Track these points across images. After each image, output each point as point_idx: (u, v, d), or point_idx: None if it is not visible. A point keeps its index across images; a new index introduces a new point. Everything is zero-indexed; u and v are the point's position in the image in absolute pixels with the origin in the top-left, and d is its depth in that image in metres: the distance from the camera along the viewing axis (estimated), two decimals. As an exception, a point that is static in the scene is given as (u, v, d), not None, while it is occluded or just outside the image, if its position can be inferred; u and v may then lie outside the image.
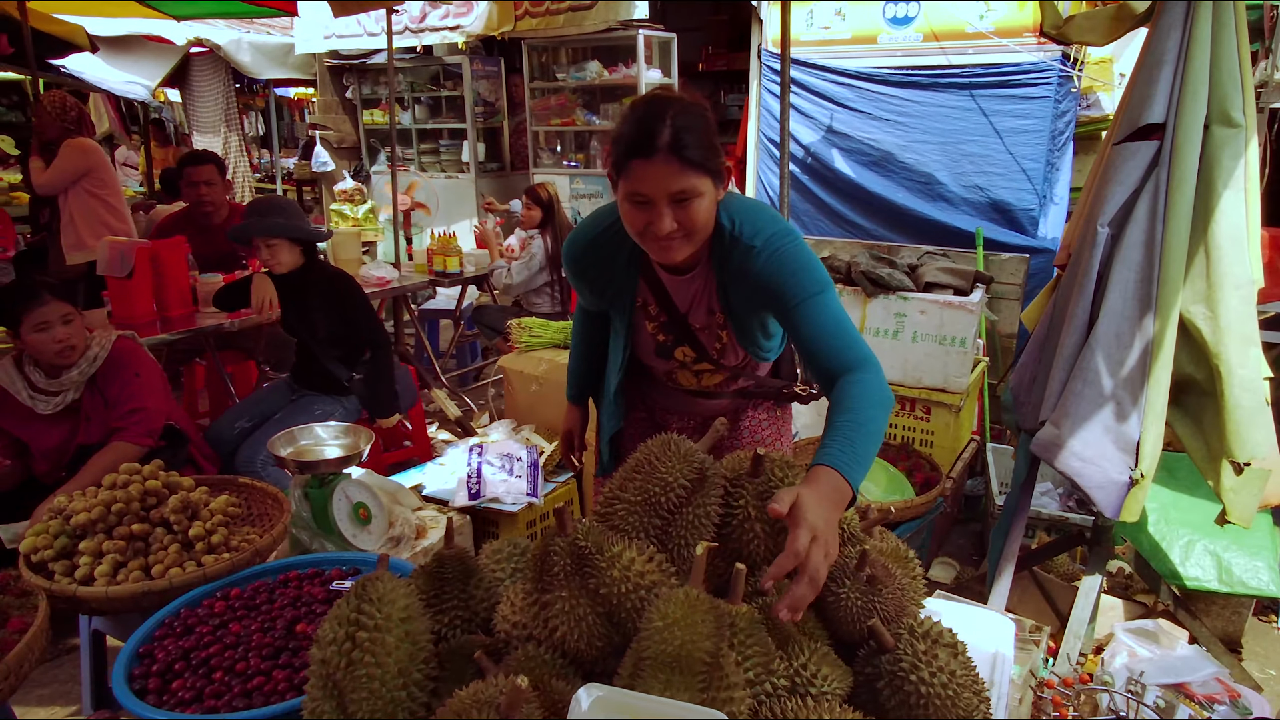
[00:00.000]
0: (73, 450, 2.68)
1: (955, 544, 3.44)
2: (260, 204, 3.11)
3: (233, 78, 8.99)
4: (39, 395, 2.61)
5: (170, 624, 1.66)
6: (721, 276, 1.67)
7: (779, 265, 1.56)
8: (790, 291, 1.55)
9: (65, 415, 2.65)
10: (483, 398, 5.21)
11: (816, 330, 1.53)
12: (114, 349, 2.69)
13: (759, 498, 1.33)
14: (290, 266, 3.09)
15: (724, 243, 1.62)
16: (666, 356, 1.83)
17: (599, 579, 1.09)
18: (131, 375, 2.68)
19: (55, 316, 2.54)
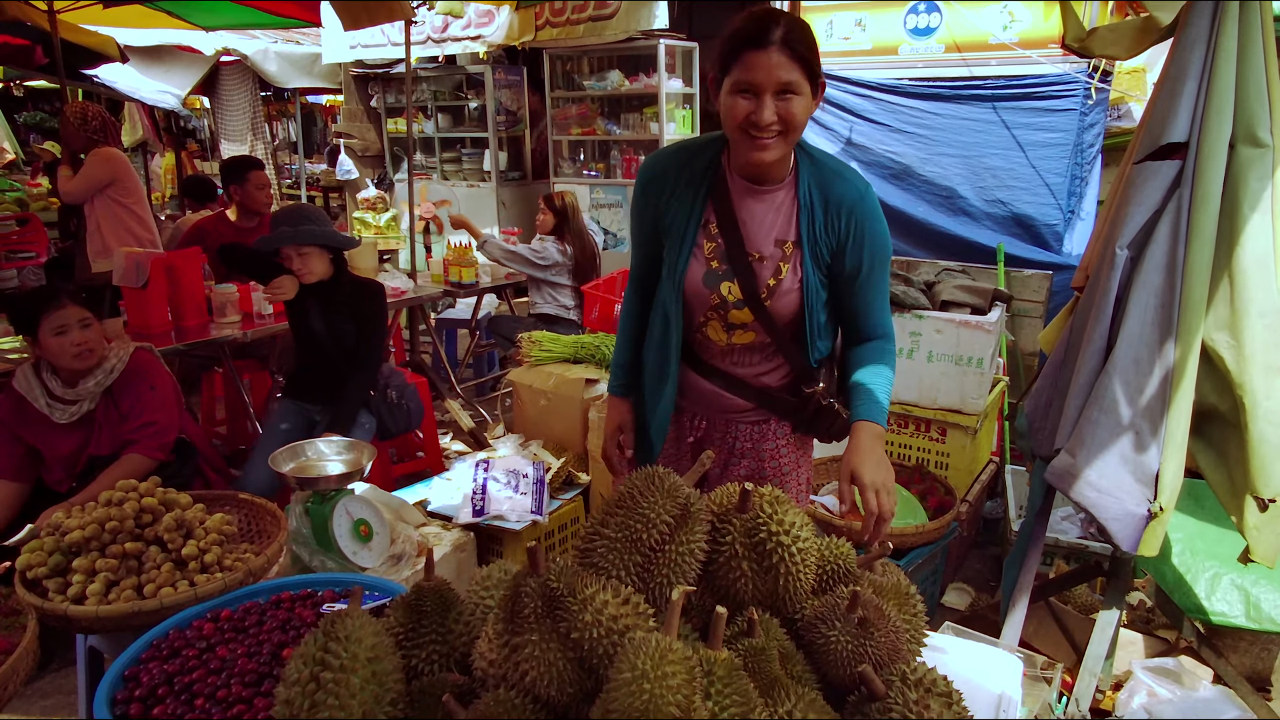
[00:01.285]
0: (84, 460, 2.69)
1: (972, 569, 3.35)
2: (290, 212, 3.07)
3: (260, 86, 9.11)
4: (56, 403, 2.63)
5: (158, 646, 1.64)
6: (811, 205, 1.69)
7: (878, 219, 1.70)
8: (878, 250, 1.71)
9: (80, 425, 2.66)
10: (498, 408, 5.20)
11: (879, 298, 1.76)
12: (131, 361, 2.71)
13: (747, 534, 1.29)
14: (321, 276, 3.06)
15: (821, 170, 1.70)
16: (713, 286, 1.73)
17: (570, 622, 1.05)
18: (146, 388, 2.70)
19: (73, 320, 2.55)
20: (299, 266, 3.01)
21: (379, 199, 7.69)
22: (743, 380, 1.85)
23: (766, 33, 1.52)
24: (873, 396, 1.70)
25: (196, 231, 4.33)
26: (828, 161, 1.73)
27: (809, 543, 1.32)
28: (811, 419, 1.84)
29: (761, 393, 1.85)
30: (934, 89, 4.30)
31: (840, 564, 1.45)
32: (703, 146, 1.77)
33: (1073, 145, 3.95)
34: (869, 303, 1.76)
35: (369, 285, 3.27)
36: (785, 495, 1.35)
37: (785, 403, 1.86)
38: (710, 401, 1.89)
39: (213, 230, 4.25)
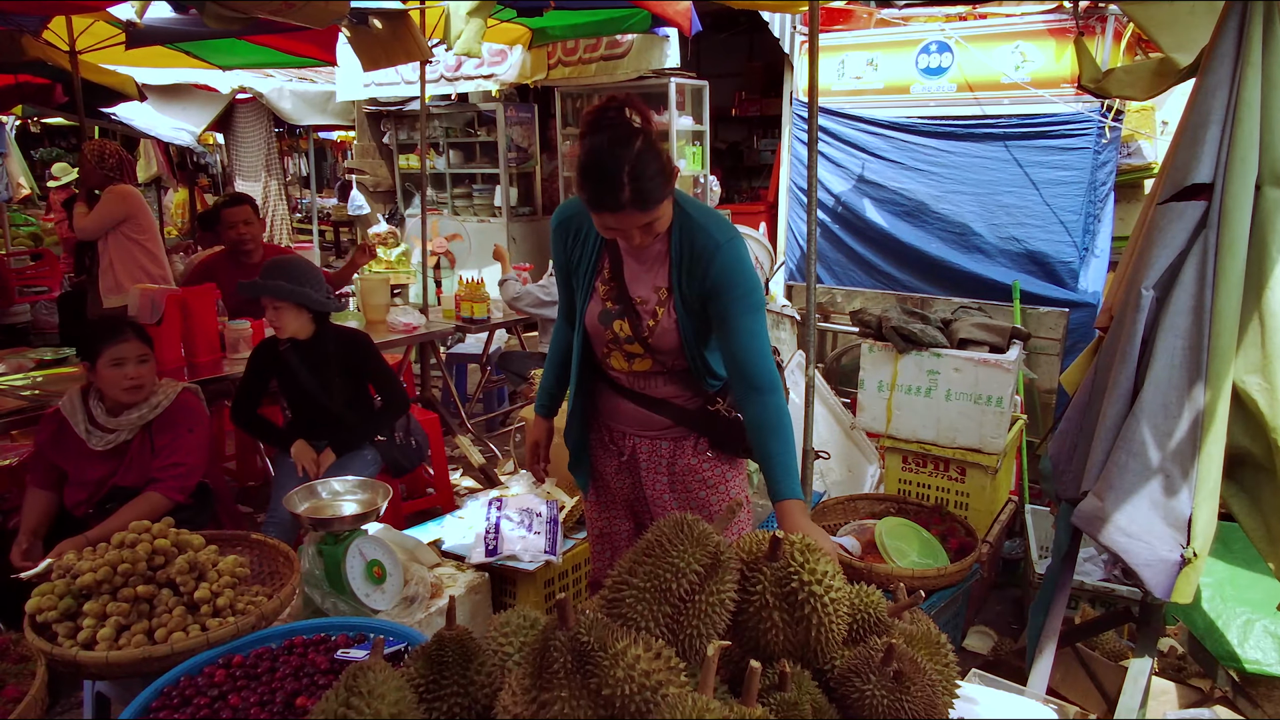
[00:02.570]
0: (108, 488, 2.70)
1: (992, 611, 3.28)
2: (275, 264, 3.03)
3: (274, 123, 9.24)
4: (95, 430, 2.67)
5: (169, 694, 1.60)
6: (679, 257, 1.86)
7: (735, 268, 1.81)
8: (737, 295, 1.81)
9: (112, 454, 2.69)
10: (509, 444, 5.17)
11: (748, 340, 1.83)
12: (176, 400, 2.74)
13: (778, 584, 1.25)
14: (294, 333, 3.02)
15: (690, 224, 1.84)
16: (606, 324, 1.96)
17: (601, 679, 1.02)
18: (185, 430, 2.72)
19: (133, 355, 2.62)
20: (271, 318, 2.99)
21: (390, 234, 7.76)
22: (657, 399, 2.02)
23: (616, 196, 1.66)
24: (782, 470, 1.81)
25: (203, 269, 4.33)
26: (696, 215, 1.85)
27: (841, 592, 1.29)
28: (723, 434, 2.01)
29: (675, 410, 2.02)
30: (947, 127, 4.33)
31: (871, 613, 1.41)
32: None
33: (1087, 183, 3.96)
34: (741, 347, 1.84)
35: (356, 335, 3.25)
36: (815, 544, 1.31)
37: (697, 418, 2.02)
38: (633, 419, 2.06)
39: (219, 267, 4.26)
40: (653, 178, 1.68)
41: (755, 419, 1.86)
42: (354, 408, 3.18)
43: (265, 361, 3.19)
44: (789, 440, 1.85)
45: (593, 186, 1.69)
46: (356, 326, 4.35)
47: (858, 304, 3.81)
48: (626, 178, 1.65)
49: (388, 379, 3.25)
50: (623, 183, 1.65)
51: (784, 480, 1.81)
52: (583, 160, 1.70)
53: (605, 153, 1.66)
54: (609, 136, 1.68)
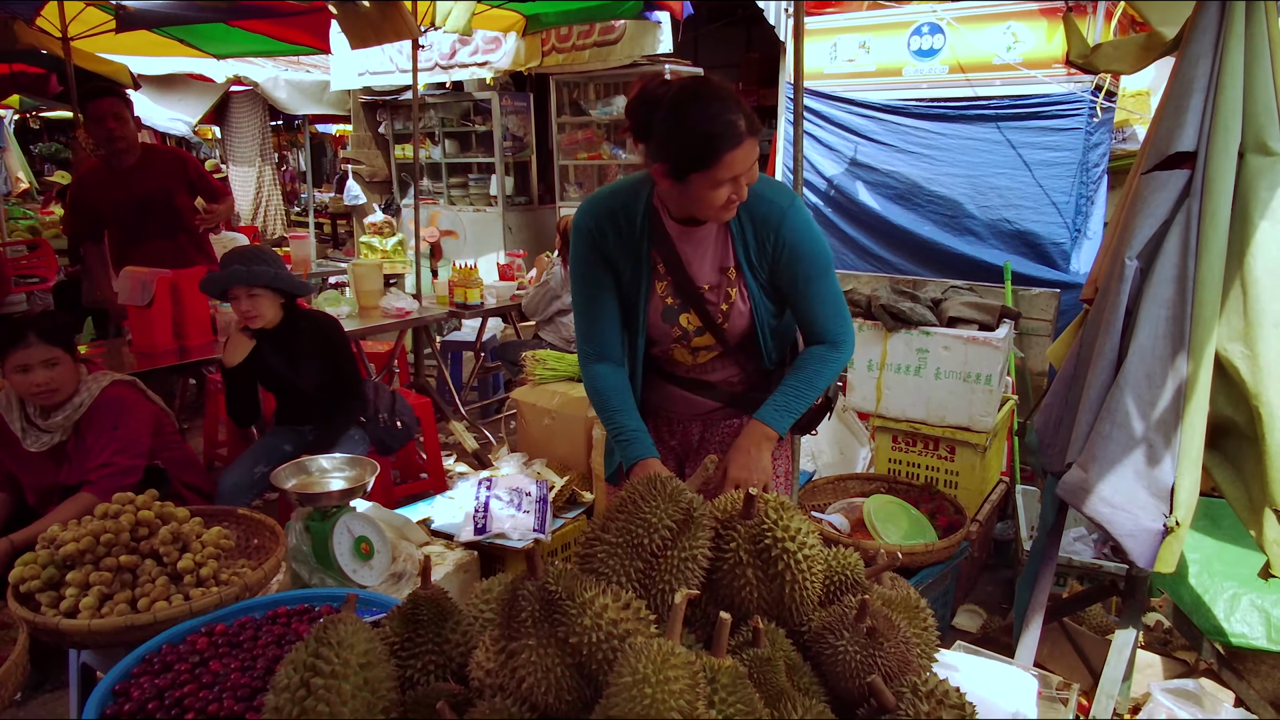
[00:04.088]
0: (59, 491, 2.60)
1: (983, 591, 3.29)
2: (242, 252, 2.95)
3: (270, 114, 9.22)
4: (30, 429, 2.56)
5: (150, 660, 1.61)
6: (742, 230, 1.75)
7: (805, 231, 1.74)
8: (810, 259, 1.75)
9: (52, 455, 2.58)
10: (502, 431, 5.17)
11: (820, 304, 1.78)
12: (100, 396, 2.59)
13: (751, 541, 1.25)
14: (270, 321, 2.96)
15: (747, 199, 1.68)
16: (671, 321, 1.85)
17: (569, 627, 1.02)
18: (109, 427, 2.56)
19: (37, 360, 2.46)
20: (248, 308, 2.89)
21: (386, 224, 7.75)
22: (709, 383, 1.95)
23: (737, 128, 1.55)
24: (781, 401, 1.79)
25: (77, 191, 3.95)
26: (761, 184, 1.73)
27: (815, 550, 1.29)
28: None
29: (728, 393, 1.95)
30: (938, 109, 4.32)
31: (848, 574, 1.41)
32: (631, 195, 1.80)
33: (1078, 164, 3.95)
34: (814, 311, 1.80)
35: (324, 319, 3.20)
36: (790, 501, 1.31)
37: (751, 399, 1.92)
38: (683, 405, 1.99)
39: (92, 183, 3.91)
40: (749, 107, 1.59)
41: (801, 358, 1.83)
42: (331, 391, 3.13)
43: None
44: (810, 386, 1.80)
45: (715, 126, 1.53)
46: (349, 312, 4.35)
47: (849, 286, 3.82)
48: (733, 105, 1.55)
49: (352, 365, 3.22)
50: (737, 112, 1.54)
51: (772, 407, 1.78)
52: (682, 115, 1.56)
53: (701, 94, 1.56)
54: (685, 87, 1.58)
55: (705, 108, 1.55)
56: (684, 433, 2.02)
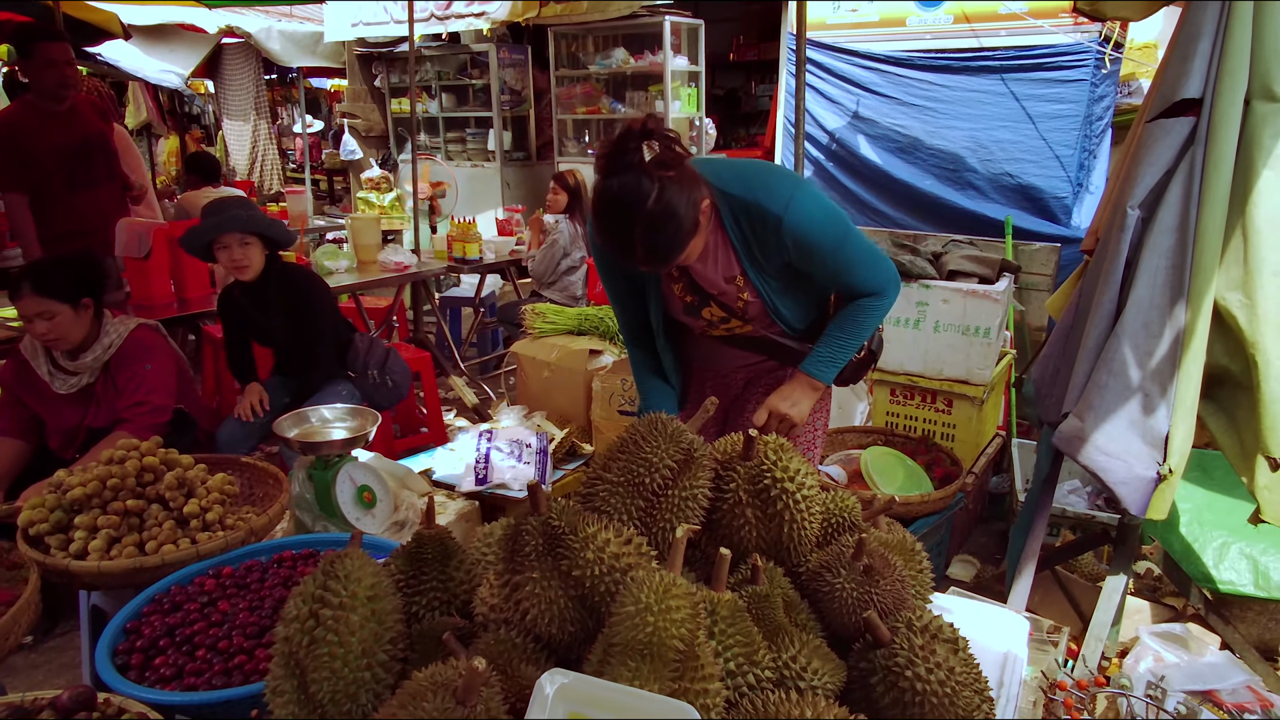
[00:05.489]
0: (84, 432, 2.67)
1: (977, 542, 3.34)
2: (226, 203, 2.90)
3: (264, 68, 9.06)
4: (58, 373, 2.61)
5: (160, 600, 1.64)
6: (743, 242, 1.76)
7: (807, 228, 1.70)
8: (823, 245, 1.72)
9: (80, 397, 2.64)
10: (501, 386, 5.19)
11: (850, 269, 1.77)
12: (129, 338, 2.65)
13: (751, 481, 1.27)
14: (257, 271, 2.94)
15: (740, 209, 1.72)
16: (695, 315, 1.90)
17: (571, 560, 1.04)
18: (141, 367, 2.63)
19: (32, 312, 2.47)
20: (239, 257, 2.86)
21: (383, 179, 7.67)
22: (748, 338, 1.95)
23: (630, 256, 1.60)
24: (826, 353, 1.84)
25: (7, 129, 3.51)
26: (742, 193, 1.71)
27: (814, 491, 1.30)
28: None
29: (772, 346, 1.96)
30: (942, 60, 4.25)
31: (845, 516, 1.44)
32: None
33: (1083, 117, 3.91)
34: (846, 278, 1.81)
35: (301, 271, 3.16)
36: (789, 443, 1.33)
37: (792, 352, 1.94)
38: (726, 358, 2.00)
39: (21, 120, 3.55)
40: (669, 236, 1.56)
41: (846, 309, 1.84)
42: (308, 345, 3.10)
43: (227, 308, 3.12)
44: (854, 336, 1.83)
45: (605, 239, 1.61)
46: (347, 266, 4.34)
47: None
48: (638, 238, 1.55)
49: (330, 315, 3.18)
50: (633, 242, 1.56)
51: (817, 358, 1.83)
52: (595, 207, 1.60)
53: (616, 206, 1.55)
54: (621, 186, 1.53)
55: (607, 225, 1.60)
56: (727, 384, 2.05)
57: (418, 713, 0.85)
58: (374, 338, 3.41)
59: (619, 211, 1.55)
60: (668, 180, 1.54)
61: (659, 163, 1.55)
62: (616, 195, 1.54)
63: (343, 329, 3.24)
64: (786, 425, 1.82)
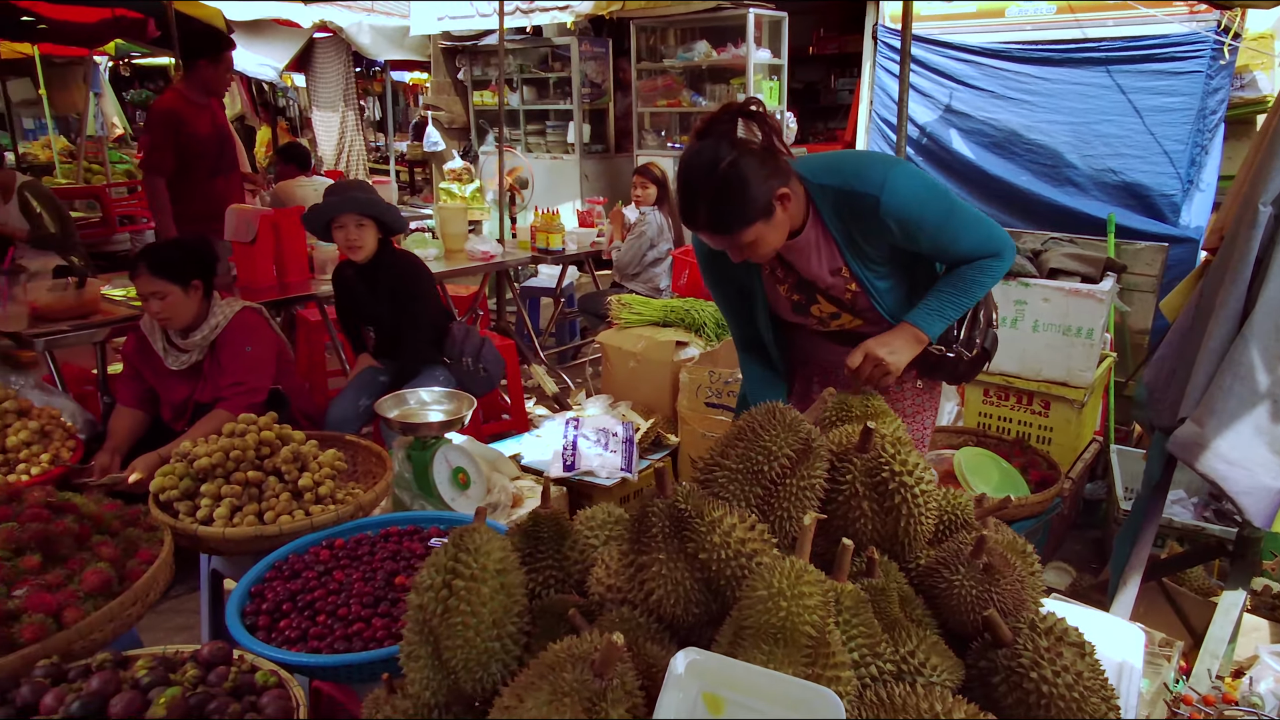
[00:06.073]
0: (192, 407, 2.80)
1: (1071, 549, 3.23)
2: (345, 185, 3.04)
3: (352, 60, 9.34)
4: (171, 349, 2.75)
5: (280, 567, 1.72)
6: (841, 233, 1.74)
7: (908, 203, 1.66)
8: (926, 219, 1.68)
9: (190, 373, 2.77)
10: (580, 375, 5.25)
11: (960, 238, 1.71)
12: (234, 319, 2.76)
13: (868, 474, 1.26)
14: (370, 252, 3.07)
15: (838, 200, 1.70)
16: (804, 313, 1.90)
17: (698, 543, 1.05)
18: (242, 349, 2.74)
19: (147, 291, 2.60)
20: (355, 237, 3.00)
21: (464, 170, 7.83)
22: (860, 334, 1.89)
23: (694, 220, 1.63)
24: (935, 305, 1.76)
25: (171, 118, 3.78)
26: (837, 183, 1.71)
27: (930, 486, 1.29)
28: (934, 365, 1.87)
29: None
30: (1043, 52, 4.11)
31: (958, 514, 1.41)
32: None
33: (1196, 110, 3.72)
34: (953, 249, 1.75)
35: (411, 258, 3.27)
36: (907, 437, 1.31)
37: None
38: (835, 353, 1.95)
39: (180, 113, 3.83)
40: (734, 205, 1.58)
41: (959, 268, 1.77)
42: (411, 330, 3.21)
43: (339, 285, 3.27)
44: (965, 293, 1.75)
45: (679, 201, 1.65)
46: (436, 254, 4.44)
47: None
48: (704, 200, 1.59)
49: (434, 303, 3.29)
50: (698, 205, 1.59)
51: (925, 309, 1.75)
52: (678, 167, 1.65)
53: (692, 167, 1.60)
54: (702, 149, 1.59)
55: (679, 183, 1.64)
56: (836, 381, 2.01)
57: (558, 683, 0.87)
58: (469, 326, 3.49)
59: (693, 172, 1.60)
60: (747, 152, 1.58)
61: (746, 140, 1.60)
62: (694, 155, 1.60)
63: (441, 317, 3.33)
64: (880, 371, 1.72)
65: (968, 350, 1.86)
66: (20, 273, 3.21)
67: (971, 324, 1.89)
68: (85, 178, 8.63)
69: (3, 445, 2.21)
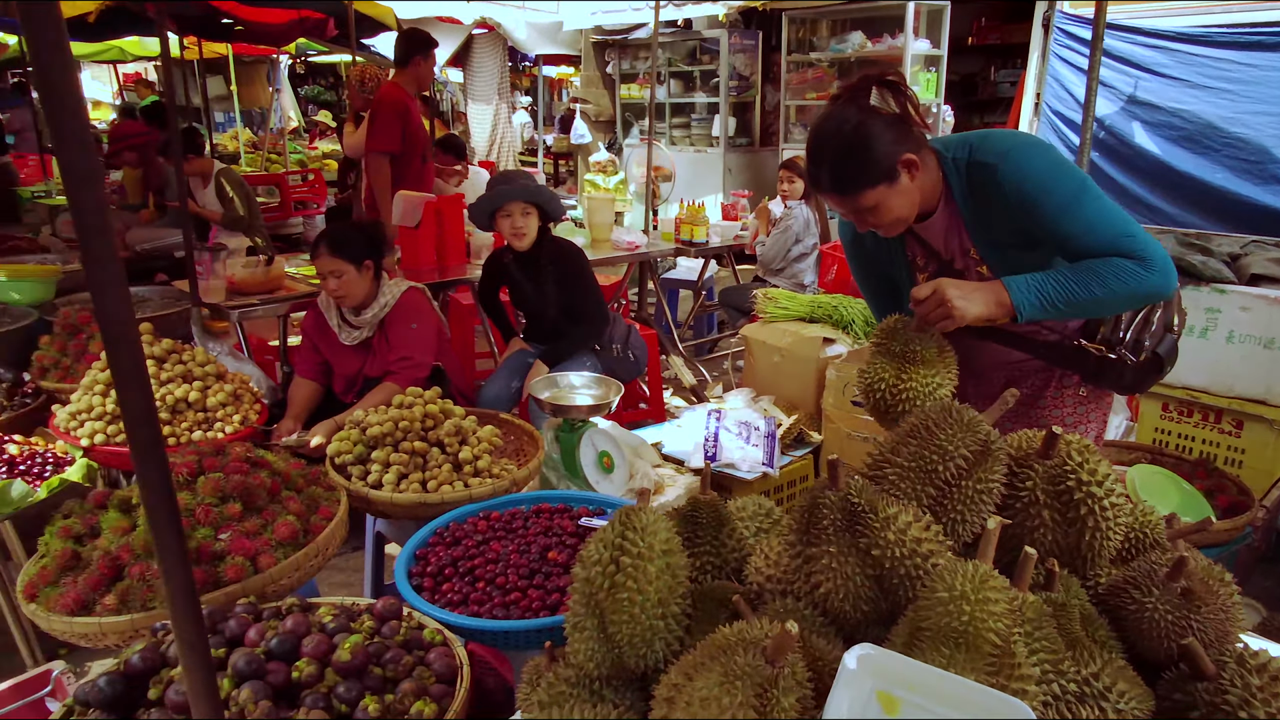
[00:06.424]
0: (361, 380, 3.00)
1: (1259, 585, 2.92)
2: (511, 174, 3.19)
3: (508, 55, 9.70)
4: (345, 326, 2.96)
5: (441, 534, 1.81)
6: (968, 209, 1.67)
7: (1025, 171, 1.56)
8: (1046, 196, 1.55)
9: (361, 348, 2.97)
10: (716, 369, 5.24)
11: (1085, 232, 1.53)
12: (401, 299, 2.94)
13: (1050, 481, 1.18)
14: (532, 239, 3.19)
15: (961, 173, 1.65)
16: None
17: (871, 539, 1.02)
18: (408, 326, 2.91)
19: (326, 270, 2.80)
20: (520, 225, 3.12)
21: (609, 162, 7.98)
22: (1015, 334, 1.81)
23: (818, 180, 1.61)
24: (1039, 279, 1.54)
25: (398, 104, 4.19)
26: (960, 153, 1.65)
27: (1120, 500, 1.20)
28: (1096, 369, 1.75)
29: (1035, 343, 1.82)
30: (1249, 36, 3.71)
31: (1148, 533, 1.31)
32: None
33: None
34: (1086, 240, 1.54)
35: (570, 246, 3.35)
36: (1094, 446, 1.23)
37: (1059, 353, 1.79)
38: (987, 354, 1.88)
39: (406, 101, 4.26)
40: (857, 163, 1.55)
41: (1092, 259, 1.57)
42: (569, 317, 3.32)
43: (496, 271, 3.41)
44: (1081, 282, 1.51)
45: (806, 161, 1.64)
46: (584, 243, 4.55)
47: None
48: (827, 159, 1.57)
49: (594, 291, 3.38)
50: (822, 165, 1.58)
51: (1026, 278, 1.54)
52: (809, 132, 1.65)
53: (821, 128, 1.60)
54: (830, 114, 1.59)
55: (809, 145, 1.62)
56: (987, 384, 1.93)
57: (729, 665, 0.87)
58: (618, 314, 3.56)
59: (820, 133, 1.59)
60: (876, 116, 1.56)
61: (877, 107, 1.58)
62: (824, 118, 1.60)
63: (596, 304, 3.42)
64: (942, 313, 1.51)
65: (1134, 355, 1.70)
66: (221, 250, 3.55)
67: (1142, 325, 1.72)
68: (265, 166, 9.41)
69: (204, 404, 2.43)
